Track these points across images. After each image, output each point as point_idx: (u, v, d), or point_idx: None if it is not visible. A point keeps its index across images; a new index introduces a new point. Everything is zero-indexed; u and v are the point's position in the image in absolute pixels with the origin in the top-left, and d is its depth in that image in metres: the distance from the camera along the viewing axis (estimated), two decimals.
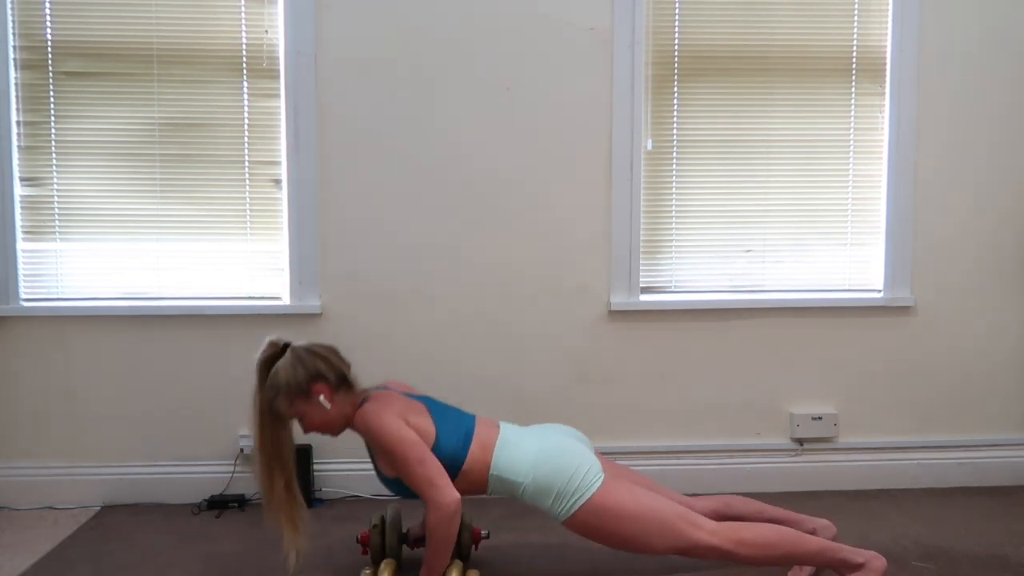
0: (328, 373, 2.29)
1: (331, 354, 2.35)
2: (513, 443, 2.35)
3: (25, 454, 3.11)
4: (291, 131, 3.07)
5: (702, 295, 3.22)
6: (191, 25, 3.06)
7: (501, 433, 2.37)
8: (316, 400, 2.27)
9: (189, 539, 2.79)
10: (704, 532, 2.25)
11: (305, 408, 2.28)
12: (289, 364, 2.26)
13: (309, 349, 2.31)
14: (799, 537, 2.30)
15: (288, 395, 2.25)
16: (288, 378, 2.24)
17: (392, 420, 2.24)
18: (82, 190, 3.08)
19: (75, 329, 3.09)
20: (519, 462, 2.30)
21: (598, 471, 2.31)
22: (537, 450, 2.33)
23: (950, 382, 3.26)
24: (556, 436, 2.42)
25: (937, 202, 3.21)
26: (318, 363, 2.28)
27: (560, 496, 2.27)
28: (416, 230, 3.12)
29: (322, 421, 2.31)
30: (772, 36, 3.15)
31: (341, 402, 2.32)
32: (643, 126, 3.14)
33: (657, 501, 2.30)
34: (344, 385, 2.33)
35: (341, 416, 2.33)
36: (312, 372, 2.27)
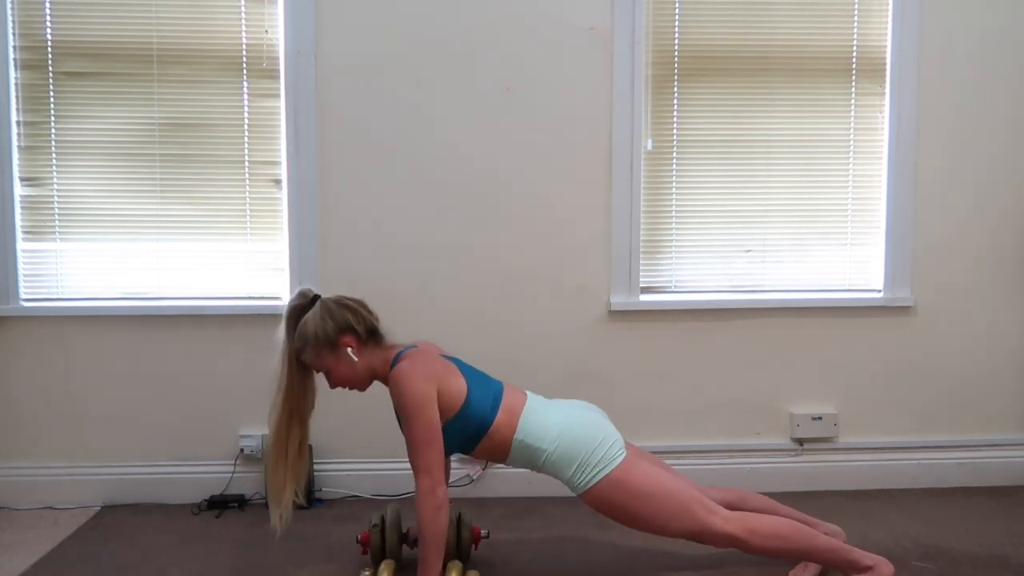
0: (357, 325, 2.29)
1: (360, 307, 2.34)
2: (540, 411, 2.35)
3: (25, 454, 3.11)
4: (291, 131, 3.07)
5: (702, 295, 3.22)
6: (191, 25, 3.06)
7: (528, 401, 2.38)
8: (344, 352, 2.27)
9: (189, 539, 2.79)
10: (719, 518, 2.26)
11: (332, 361, 2.28)
12: (318, 315, 2.26)
13: (338, 301, 2.31)
14: (811, 534, 2.31)
15: (316, 346, 2.25)
16: (317, 329, 2.24)
17: (423, 389, 2.21)
18: (82, 190, 3.08)
19: (75, 329, 3.09)
20: (545, 429, 2.30)
21: (621, 447, 2.32)
22: (563, 420, 2.33)
23: (950, 382, 3.26)
24: (582, 409, 2.42)
25: (937, 202, 3.21)
26: (347, 315, 2.28)
27: (582, 466, 2.27)
28: (416, 230, 3.12)
29: (349, 374, 2.30)
30: (772, 36, 3.15)
31: (370, 355, 2.31)
32: (643, 126, 3.14)
33: (676, 483, 2.31)
34: (373, 338, 2.32)
35: (369, 370, 2.32)
36: (341, 324, 2.26)
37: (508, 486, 3.17)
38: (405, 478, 3.07)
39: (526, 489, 3.16)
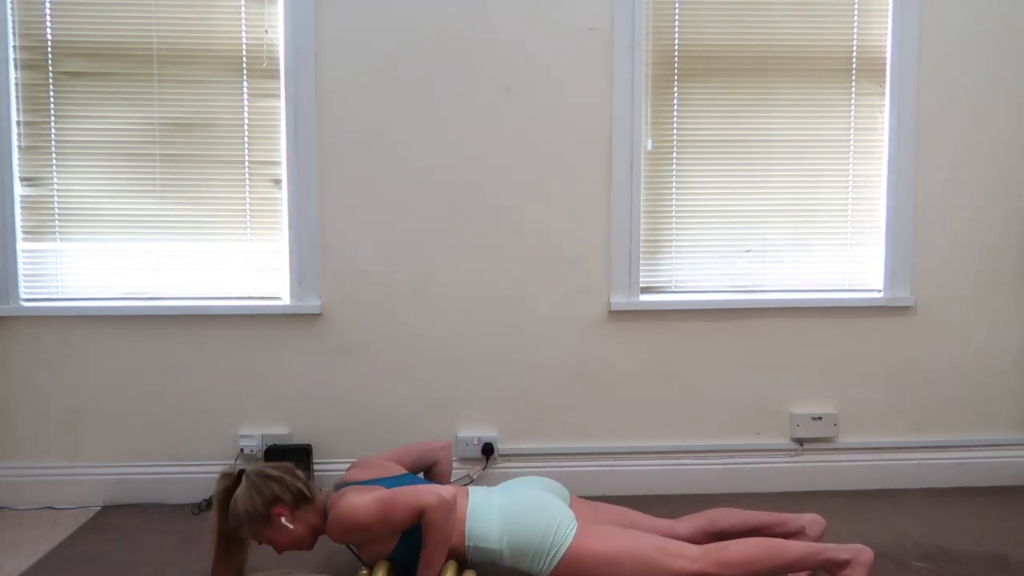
0: (284, 494, 2.28)
1: (286, 473, 2.33)
2: (483, 509, 2.34)
3: (25, 454, 3.12)
4: (291, 131, 3.07)
5: (702, 295, 3.22)
6: (191, 25, 3.06)
7: (470, 503, 2.36)
8: (279, 522, 2.27)
9: (189, 539, 2.79)
10: (686, 560, 2.23)
11: (271, 532, 2.28)
12: (245, 492, 2.26)
13: (261, 474, 2.31)
14: (782, 546, 2.28)
15: (250, 523, 2.26)
16: (247, 506, 2.25)
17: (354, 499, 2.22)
18: (82, 190, 3.08)
19: (75, 329, 3.09)
20: (490, 529, 2.30)
21: (570, 521, 2.30)
22: (506, 513, 2.32)
23: (950, 382, 3.26)
24: (525, 492, 2.40)
25: (937, 202, 3.21)
26: (272, 486, 2.28)
27: (537, 555, 2.26)
28: (416, 230, 3.12)
29: (289, 540, 2.30)
30: (772, 36, 3.15)
31: (304, 517, 2.31)
32: (643, 126, 3.14)
33: (635, 539, 2.29)
34: (304, 501, 2.32)
35: (308, 529, 2.32)
36: (268, 497, 2.26)
37: None
38: None
39: None
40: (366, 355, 3.15)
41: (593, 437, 3.21)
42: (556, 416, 3.20)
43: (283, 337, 3.12)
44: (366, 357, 3.15)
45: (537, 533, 2.27)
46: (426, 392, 3.16)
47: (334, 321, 3.12)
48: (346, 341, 3.13)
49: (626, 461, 3.21)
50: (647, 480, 3.19)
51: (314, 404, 3.14)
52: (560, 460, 3.17)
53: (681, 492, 3.18)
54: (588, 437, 3.20)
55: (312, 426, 3.15)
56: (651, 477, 3.19)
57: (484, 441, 3.15)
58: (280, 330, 3.12)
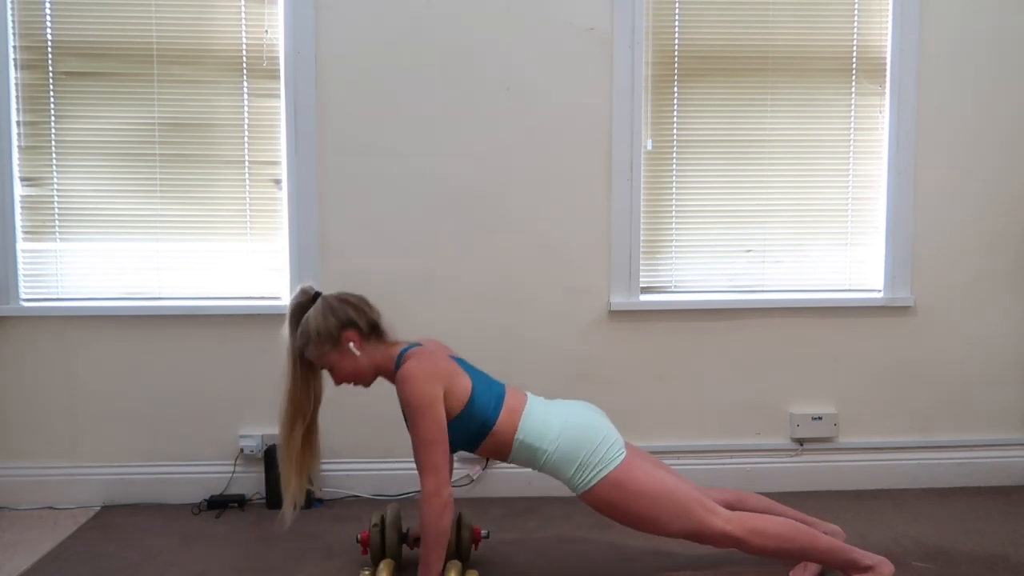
0: (359, 320, 2.30)
1: (362, 302, 2.36)
2: (541, 412, 2.36)
3: (25, 454, 3.12)
4: (291, 131, 3.07)
5: (702, 295, 3.22)
6: (191, 25, 3.06)
7: (529, 402, 2.39)
8: (346, 347, 2.28)
9: (189, 539, 2.79)
10: (719, 519, 2.26)
11: (335, 356, 2.29)
12: (320, 312, 2.28)
13: (340, 297, 2.33)
14: (812, 534, 2.31)
15: (318, 343, 2.26)
16: (318, 325, 2.26)
17: (429, 389, 2.22)
18: (82, 190, 3.08)
19: (75, 329, 3.09)
20: (546, 429, 2.31)
21: (621, 447, 2.32)
22: (563, 420, 2.34)
23: (950, 382, 3.26)
24: (582, 410, 2.43)
25: (937, 202, 3.21)
26: (348, 310, 2.30)
27: (582, 467, 2.27)
28: (416, 230, 3.12)
29: (352, 369, 2.31)
30: (772, 36, 3.15)
31: (372, 351, 2.33)
32: (643, 126, 3.14)
33: (676, 483, 2.32)
34: (375, 333, 2.34)
35: (372, 365, 2.33)
36: (342, 319, 2.28)
37: (508, 486, 3.17)
38: (405, 478, 3.08)
39: (526, 489, 3.16)
40: None
41: None
42: None
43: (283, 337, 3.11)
44: None
45: (591, 445, 2.28)
46: None
47: None
48: None
49: None
50: None
51: None
52: None
53: None
54: None
55: None
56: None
57: None
58: (280, 330, 3.11)
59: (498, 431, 2.31)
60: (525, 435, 2.31)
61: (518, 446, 2.32)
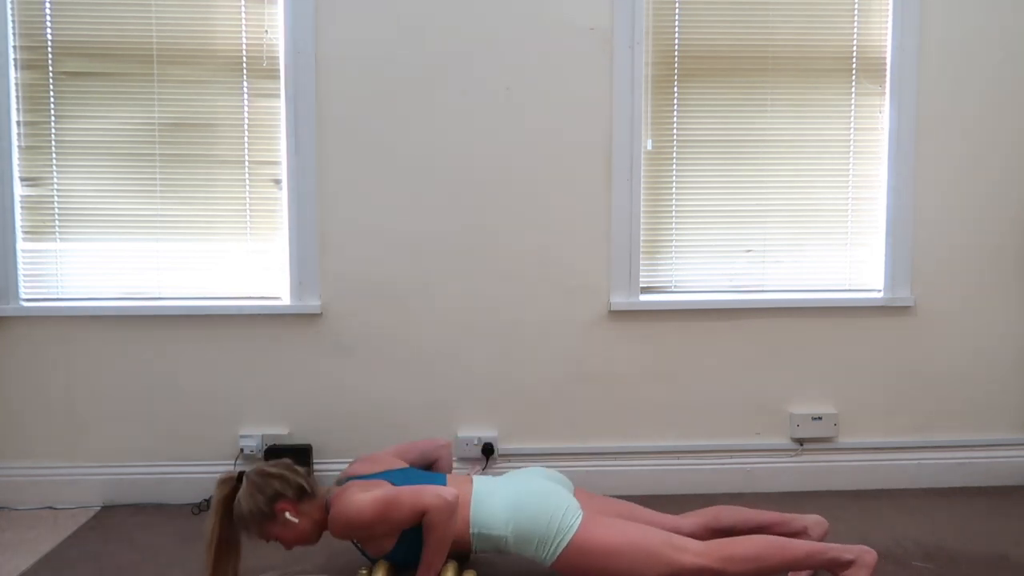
0: (286, 490, 2.30)
1: (285, 469, 2.35)
2: (487, 495, 2.35)
3: (25, 454, 3.12)
4: (291, 131, 3.07)
5: (702, 295, 3.22)
6: (191, 25, 3.06)
7: (475, 488, 2.37)
8: (283, 518, 2.29)
9: (189, 539, 2.79)
10: (690, 554, 2.24)
11: (278, 529, 2.30)
12: (247, 493, 2.28)
13: (262, 472, 2.33)
14: (786, 545, 2.29)
15: (257, 522, 2.28)
16: (251, 507, 2.27)
17: (356, 497, 2.24)
18: (82, 190, 3.08)
19: (75, 329, 3.09)
20: (496, 515, 2.31)
21: (576, 510, 2.31)
22: (513, 500, 2.33)
23: (950, 382, 3.26)
24: (530, 481, 2.42)
25: (937, 202, 3.21)
26: (274, 483, 2.30)
27: (542, 542, 2.27)
28: (416, 230, 3.12)
29: (295, 535, 2.32)
30: (772, 36, 3.15)
31: (308, 511, 2.33)
32: (643, 126, 3.14)
33: (640, 531, 2.30)
34: (305, 495, 2.34)
35: (313, 523, 2.34)
36: (270, 495, 2.28)
37: None
38: None
39: None
40: (366, 355, 3.15)
41: (593, 437, 3.21)
42: (556, 416, 3.20)
43: (283, 337, 3.12)
44: (366, 357, 3.15)
45: (543, 520, 2.27)
46: (426, 392, 3.16)
47: (334, 321, 3.12)
48: (346, 341, 3.13)
49: (626, 461, 3.21)
50: (647, 480, 3.19)
51: (314, 404, 3.14)
52: (560, 460, 3.16)
53: (681, 492, 3.18)
54: (588, 437, 3.20)
55: (312, 426, 3.15)
56: (651, 477, 3.19)
57: (484, 441, 3.15)
58: (280, 330, 3.12)
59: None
60: (478, 527, 2.31)
61: (476, 538, 2.32)
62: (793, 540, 2.33)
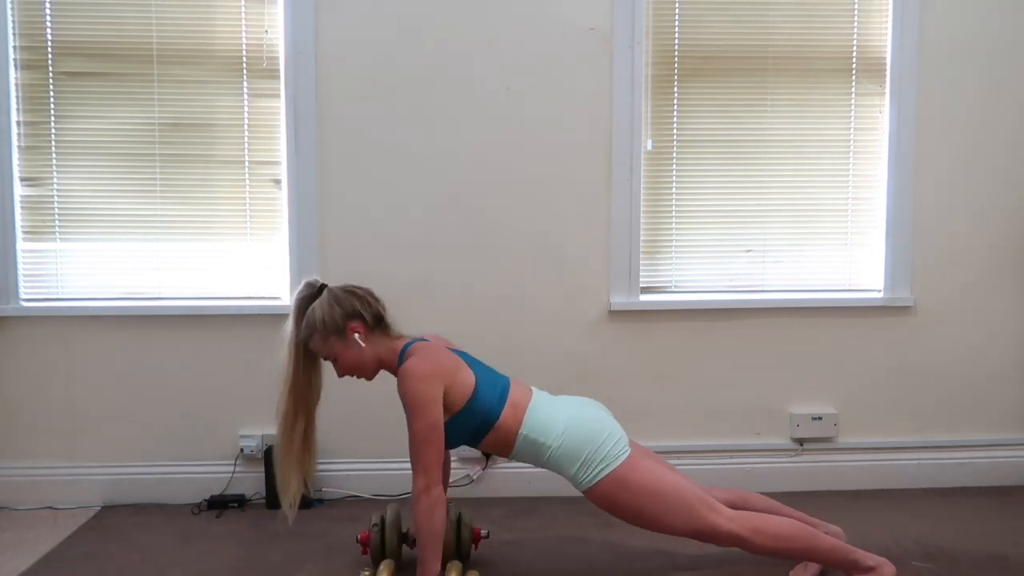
0: (364, 312, 2.32)
1: (367, 295, 2.37)
2: (545, 406, 2.35)
3: (25, 454, 3.11)
4: (291, 131, 3.07)
5: (702, 295, 3.22)
6: (191, 25, 3.06)
7: (534, 396, 2.38)
8: (351, 338, 2.29)
9: (189, 539, 2.79)
10: (722, 517, 2.26)
11: (340, 347, 2.30)
12: (326, 302, 2.29)
13: (346, 289, 2.34)
14: (814, 534, 2.32)
15: (324, 333, 2.28)
16: (324, 315, 2.27)
17: (427, 388, 2.22)
18: (82, 190, 3.08)
19: (75, 329, 3.09)
20: (550, 425, 2.31)
21: (625, 444, 2.32)
22: (568, 416, 2.33)
23: (950, 382, 3.26)
24: (587, 406, 2.43)
25: (937, 202, 3.21)
26: (354, 302, 2.31)
27: (586, 463, 2.27)
28: (416, 230, 3.12)
29: (356, 360, 2.32)
30: (772, 36, 3.15)
31: (376, 343, 2.34)
32: (643, 126, 3.14)
33: (680, 481, 2.31)
34: (380, 326, 2.35)
35: (375, 357, 2.34)
36: (348, 310, 2.29)
37: (508, 486, 3.17)
38: (405, 478, 3.06)
39: (526, 489, 3.16)
40: None
41: None
42: None
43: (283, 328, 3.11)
44: None
45: (595, 443, 2.28)
46: None
47: None
48: None
49: None
50: None
51: None
52: None
53: None
54: None
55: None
56: None
57: None
58: (280, 330, 3.11)
59: (501, 426, 2.31)
60: (529, 430, 2.30)
61: (522, 441, 2.31)
62: (821, 533, 2.36)
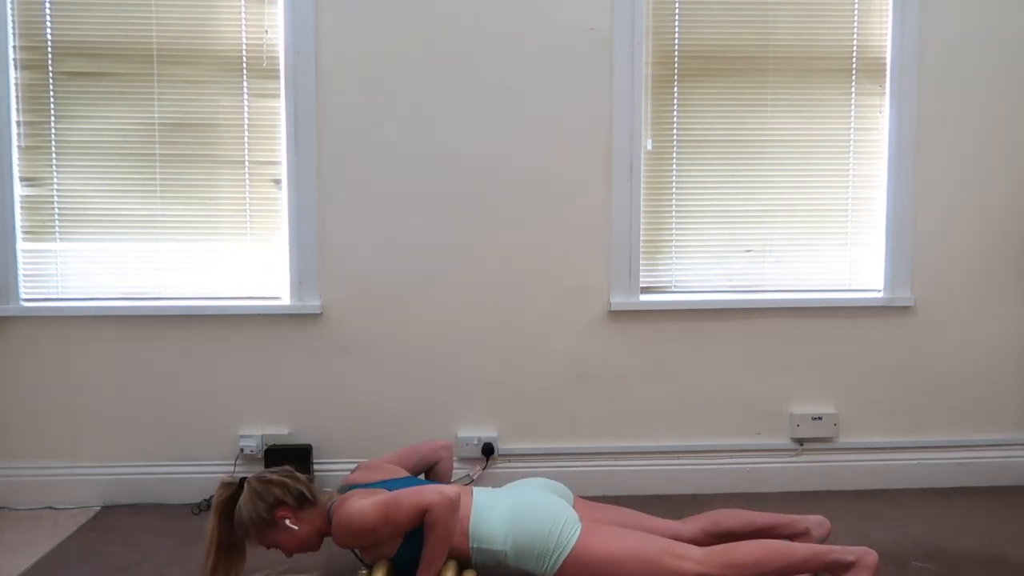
0: (286, 497, 2.31)
1: (286, 476, 2.36)
2: (487, 509, 2.34)
3: (25, 454, 3.12)
4: (291, 131, 3.07)
5: (702, 295, 3.22)
6: (191, 25, 3.06)
7: (473, 503, 2.36)
8: (283, 525, 2.30)
9: (189, 539, 2.79)
10: (691, 562, 2.23)
11: (277, 536, 2.31)
12: (248, 500, 2.29)
13: (262, 479, 2.33)
14: (787, 548, 2.28)
15: (256, 529, 2.29)
16: (250, 513, 2.28)
17: (358, 503, 2.24)
18: (82, 190, 3.08)
19: (75, 329, 3.09)
20: (494, 530, 2.30)
21: (574, 522, 2.30)
22: (511, 514, 2.32)
23: (950, 382, 3.26)
24: (528, 493, 2.41)
25: (937, 202, 3.21)
26: (274, 490, 2.31)
27: (542, 555, 2.26)
28: (416, 230, 3.12)
29: (296, 542, 2.33)
30: (772, 36, 3.15)
31: (309, 518, 2.34)
32: (643, 126, 3.14)
33: (640, 540, 2.29)
34: (306, 503, 2.35)
35: (314, 530, 2.35)
36: (270, 502, 2.29)
37: None
38: None
39: None
40: (366, 355, 3.15)
41: (593, 437, 3.21)
42: (556, 416, 3.20)
43: (283, 337, 3.12)
44: (366, 357, 3.15)
45: (542, 533, 2.27)
46: (426, 392, 3.16)
47: (334, 321, 3.12)
48: (346, 341, 3.13)
49: (626, 461, 3.21)
50: (647, 480, 3.19)
51: (314, 404, 3.14)
52: (560, 460, 3.17)
53: (681, 492, 3.18)
54: (588, 437, 3.20)
55: (312, 426, 3.15)
56: (651, 477, 3.19)
57: (484, 441, 3.15)
58: (280, 330, 3.12)
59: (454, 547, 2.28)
60: (477, 541, 2.30)
61: (475, 553, 2.31)
62: (794, 544, 2.33)
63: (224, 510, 2.31)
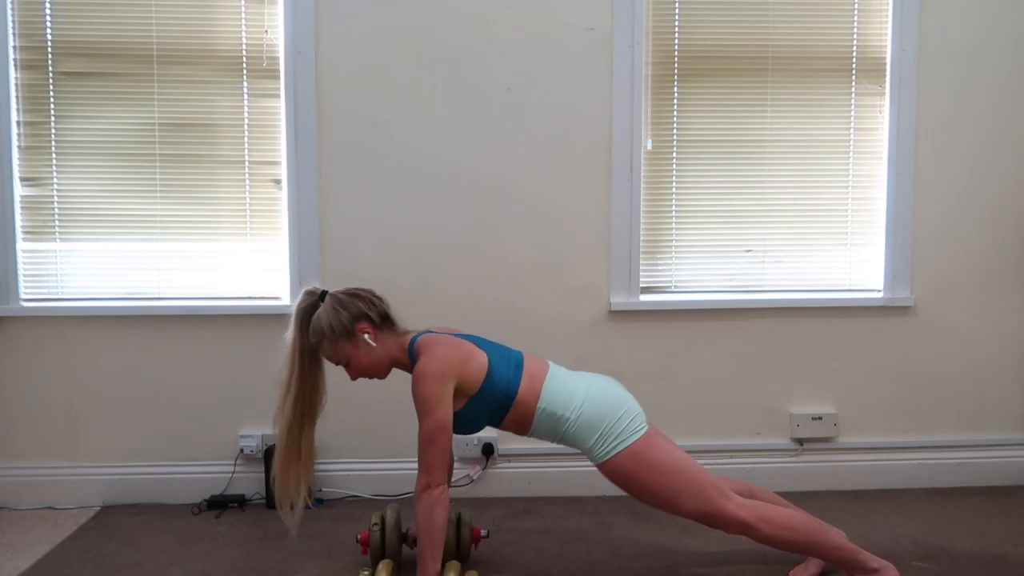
0: (370, 312, 2.32)
1: (370, 295, 2.37)
2: (563, 380, 2.35)
3: (25, 454, 3.12)
4: (291, 131, 3.07)
5: (702, 295, 3.22)
6: (191, 25, 3.06)
7: (551, 369, 2.38)
8: (362, 340, 2.30)
9: (189, 539, 2.79)
10: (732, 503, 2.26)
11: (352, 350, 2.31)
12: (331, 308, 2.29)
13: (348, 292, 2.35)
14: (822, 528, 2.32)
15: (333, 338, 2.28)
16: (332, 320, 2.27)
17: (437, 387, 2.23)
18: (82, 190, 3.08)
19: (75, 329, 3.09)
20: (569, 397, 2.30)
21: (643, 420, 2.32)
22: (587, 389, 2.33)
23: (950, 382, 3.26)
24: (605, 381, 2.42)
25: (937, 202, 3.21)
26: (359, 303, 2.32)
27: (604, 436, 2.26)
28: (416, 230, 3.12)
29: (369, 361, 2.33)
30: (772, 36, 3.15)
31: (386, 341, 2.34)
32: (643, 126, 3.14)
33: (694, 465, 2.31)
34: (387, 324, 2.36)
35: (387, 356, 2.35)
36: (355, 312, 2.30)
37: (508, 486, 3.17)
38: (405, 478, 3.09)
39: (526, 489, 3.16)
40: None
41: None
42: None
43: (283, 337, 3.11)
44: None
45: (614, 415, 2.28)
46: None
47: None
48: None
49: None
50: None
51: None
52: (560, 460, 3.17)
53: None
54: None
55: None
56: None
57: (484, 441, 3.15)
58: (280, 330, 3.10)
59: (520, 401, 2.29)
60: (547, 403, 2.30)
61: (540, 415, 2.30)
62: (829, 528, 2.36)
63: (304, 317, 2.30)
